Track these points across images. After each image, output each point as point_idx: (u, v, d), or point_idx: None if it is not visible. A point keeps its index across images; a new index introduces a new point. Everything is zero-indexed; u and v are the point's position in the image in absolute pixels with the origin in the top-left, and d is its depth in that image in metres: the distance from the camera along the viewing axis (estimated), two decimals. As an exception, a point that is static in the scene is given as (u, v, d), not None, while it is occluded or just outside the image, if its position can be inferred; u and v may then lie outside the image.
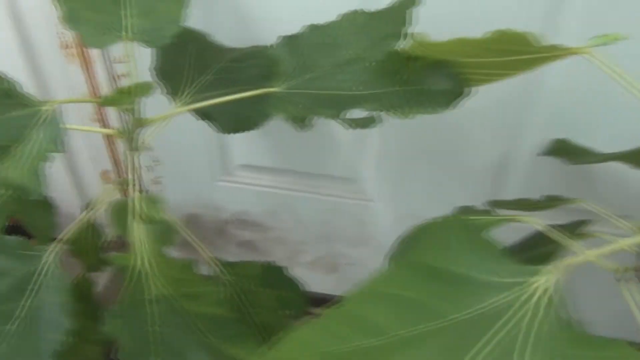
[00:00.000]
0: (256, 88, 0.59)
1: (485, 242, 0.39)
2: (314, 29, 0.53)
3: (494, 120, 0.72)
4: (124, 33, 0.49)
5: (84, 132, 0.73)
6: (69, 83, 0.77)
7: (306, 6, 0.65)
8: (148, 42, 0.50)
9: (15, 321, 0.49)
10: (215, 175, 0.86)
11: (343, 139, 0.77)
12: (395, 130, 0.75)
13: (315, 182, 0.86)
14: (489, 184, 0.81)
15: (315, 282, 0.93)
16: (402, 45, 0.49)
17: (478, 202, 0.84)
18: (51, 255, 0.51)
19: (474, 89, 0.48)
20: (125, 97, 0.44)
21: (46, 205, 0.57)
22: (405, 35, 0.49)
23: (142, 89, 0.44)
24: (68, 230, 0.51)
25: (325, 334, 0.37)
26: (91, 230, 0.54)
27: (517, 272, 0.36)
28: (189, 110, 0.53)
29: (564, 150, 0.66)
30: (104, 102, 0.42)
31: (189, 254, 0.47)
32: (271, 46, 0.61)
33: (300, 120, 0.46)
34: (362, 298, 0.39)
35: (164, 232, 0.46)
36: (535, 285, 0.35)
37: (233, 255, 1.03)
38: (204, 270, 0.54)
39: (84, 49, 0.73)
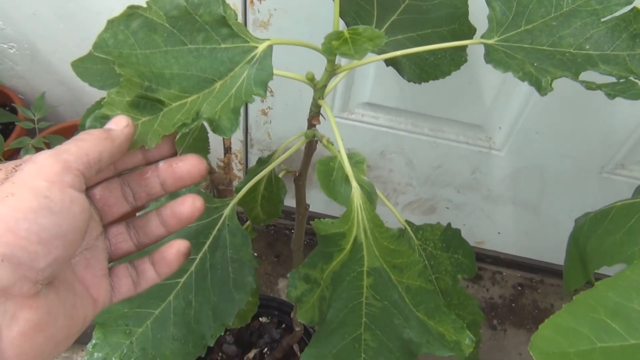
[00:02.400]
0: (446, 30, 0.52)
1: None
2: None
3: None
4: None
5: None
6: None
7: None
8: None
9: (191, 276, 0.47)
10: (333, 112, 0.81)
11: (489, 87, 0.71)
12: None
13: (437, 126, 0.81)
14: (620, 148, 0.76)
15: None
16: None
17: (601, 164, 0.79)
18: (228, 209, 0.47)
19: None
20: (348, 46, 0.38)
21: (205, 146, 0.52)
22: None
23: (373, 39, 0.37)
24: (245, 181, 0.47)
25: (595, 326, 0.35)
26: (264, 182, 0.50)
27: None
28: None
29: None
30: (326, 50, 0.36)
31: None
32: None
33: (535, 81, 0.40)
34: (629, 288, 0.36)
35: (370, 196, 0.42)
36: None
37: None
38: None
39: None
